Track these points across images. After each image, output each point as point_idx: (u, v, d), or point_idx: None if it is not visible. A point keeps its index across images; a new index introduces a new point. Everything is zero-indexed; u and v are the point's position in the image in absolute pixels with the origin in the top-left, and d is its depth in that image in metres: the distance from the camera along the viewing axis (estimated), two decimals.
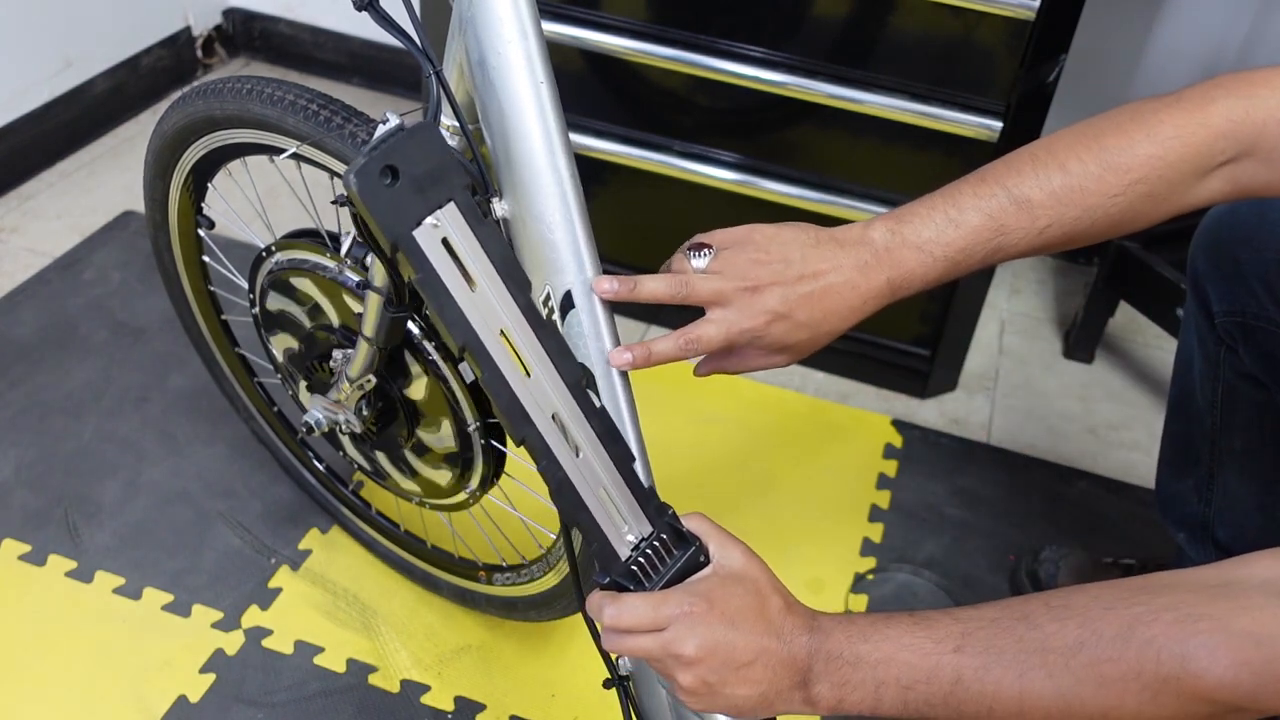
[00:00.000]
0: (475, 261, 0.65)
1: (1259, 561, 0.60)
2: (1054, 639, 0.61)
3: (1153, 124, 0.73)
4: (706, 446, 1.53)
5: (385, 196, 0.61)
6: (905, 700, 0.64)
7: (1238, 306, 0.99)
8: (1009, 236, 0.74)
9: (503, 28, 0.73)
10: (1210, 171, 0.73)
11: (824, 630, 0.67)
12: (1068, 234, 0.75)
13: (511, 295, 0.66)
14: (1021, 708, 0.61)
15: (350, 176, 0.60)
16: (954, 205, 0.75)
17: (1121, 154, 0.73)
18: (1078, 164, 0.73)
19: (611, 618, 0.68)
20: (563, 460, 0.69)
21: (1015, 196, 0.74)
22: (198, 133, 1.03)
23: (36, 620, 1.23)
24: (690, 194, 1.56)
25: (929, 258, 0.75)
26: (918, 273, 0.75)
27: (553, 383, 0.68)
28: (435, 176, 0.63)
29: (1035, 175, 0.74)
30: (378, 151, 0.60)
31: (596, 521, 0.70)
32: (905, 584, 1.36)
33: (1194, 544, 1.14)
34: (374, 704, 1.18)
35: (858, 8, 1.41)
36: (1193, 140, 0.72)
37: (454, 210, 0.64)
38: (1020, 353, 1.78)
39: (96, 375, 1.54)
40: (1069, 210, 0.74)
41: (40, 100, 1.91)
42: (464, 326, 0.64)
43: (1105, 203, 0.73)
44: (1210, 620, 0.57)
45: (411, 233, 0.62)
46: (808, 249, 0.75)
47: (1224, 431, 1.07)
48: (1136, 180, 0.73)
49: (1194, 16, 1.72)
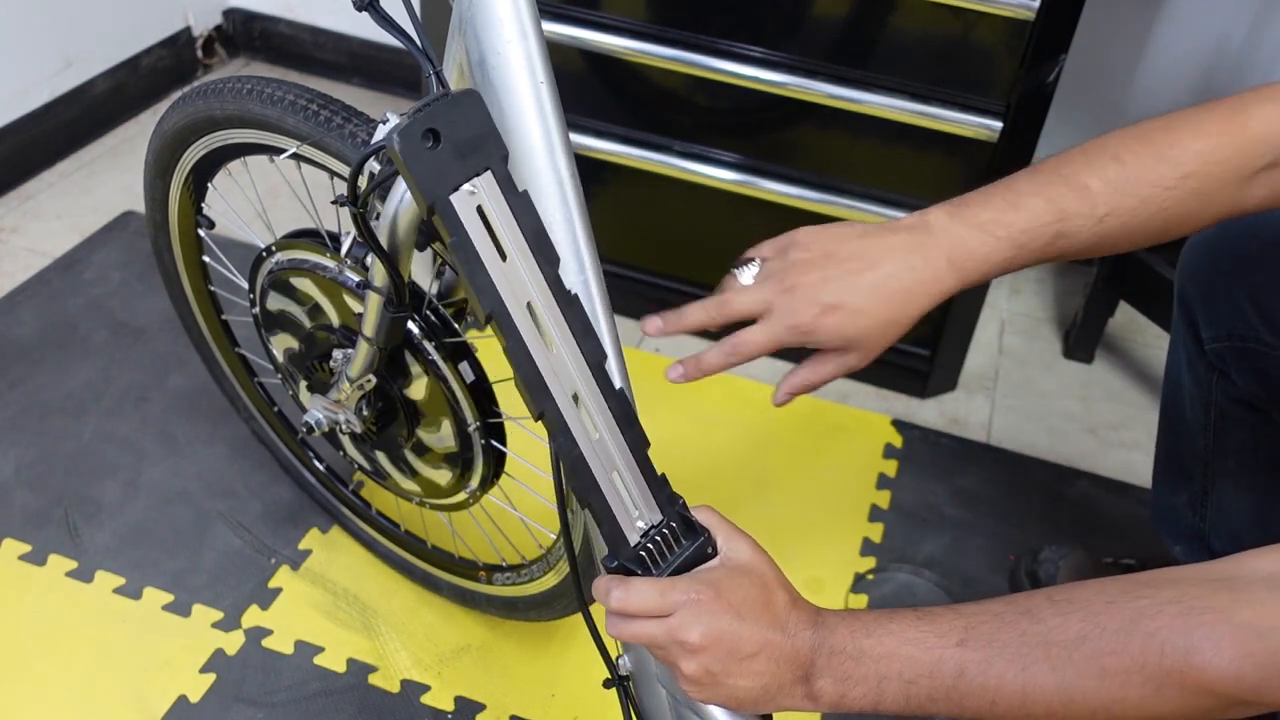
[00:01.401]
0: (507, 232, 0.65)
1: (1263, 556, 0.60)
2: (1057, 632, 0.61)
3: (1196, 124, 0.73)
4: (707, 446, 1.53)
5: (426, 158, 0.61)
6: (908, 695, 0.64)
7: (1226, 330, 0.99)
8: (1069, 223, 0.73)
9: (503, 28, 0.73)
10: (1254, 175, 0.73)
11: (828, 625, 0.67)
12: (1126, 226, 0.74)
13: (540, 269, 0.66)
14: (1024, 701, 0.61)
15: (394, 136, 0.60)
16: (1011, 190, 0.74)
17: (1172, 148, 0.73)
18: (1131, 155, 0.73)
19: (619, 600, 0.68)
20: (579, 439, 0.68)
21: (1073, 183, 0.73)
22: (198, 133, 1.03)
23: (36, 620, 1.23)
24: (690, 194, 1.56)
25: (990, 237, 0.74)
26: (980, 252, 0.74)
27: (575, 360, 0.68)
28: (475, 144, 0.63)
29: (1089, 166, 0.73)
30: (422, 114, 0.61)
31: (608, 503, 0.70)
32: (905, 584, 1.36)
33: (1190, 556, 1.14)
34: (374, 704, 1.18)
35: (858, 8, 1.41)
36: (1234, 142, 0.72)
37: (490, 179, 0.64)
38: (1020, 353, 1.78)
39: (96, 375, 1.54)
40: (1126, 199, 0.73)
41: (40, 100, 1.91)
42: (493, 294, 0.65)
43: (1160, 194, 0.73)
44: (1213, 613, 0.57)
45: (449, 197, 0.63)
46: (853, 240, 0.74)
47: (1217, 453, 1.07)
48: (1188, 174, 0.72)
49: (1194, 17, 1.72)
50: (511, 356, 0.66)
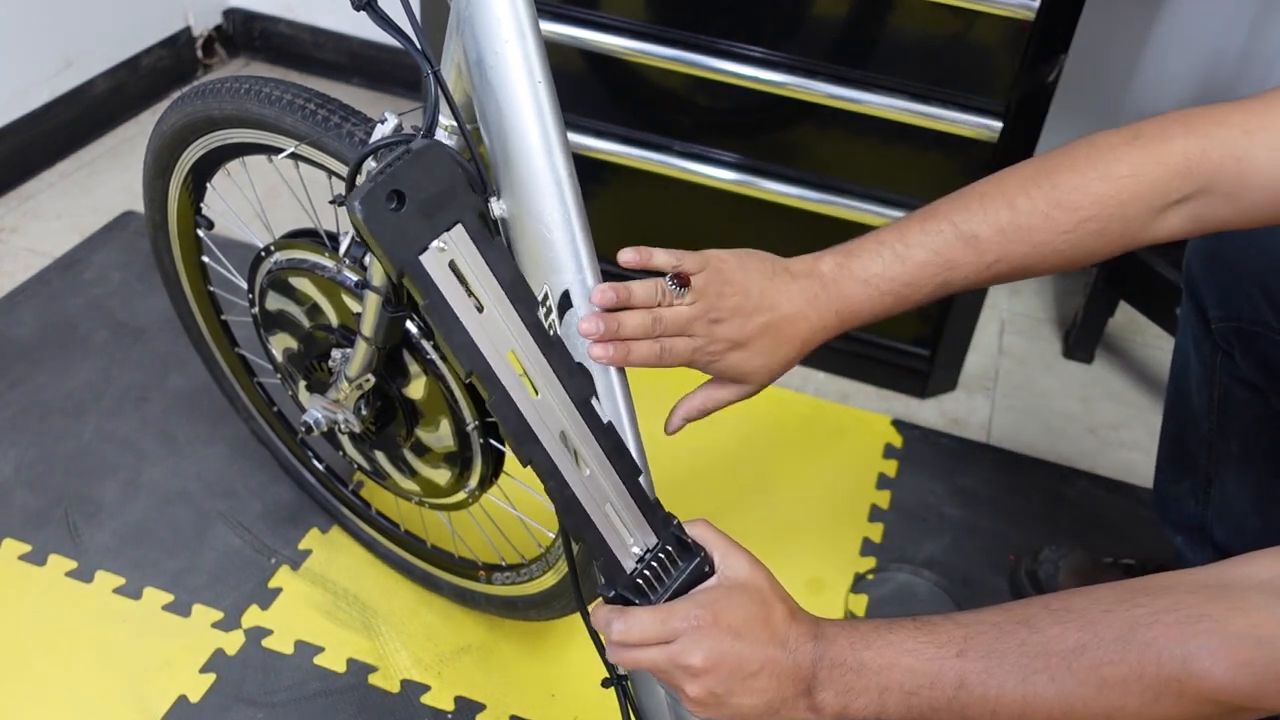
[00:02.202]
0: (483, 283, 0.65)
1: (1259, 561, 0.60)
2: (1056, 642, 0.61)
3: (1109, 161, 0.73)
4: (706, 447, 1.53)
5: (391, 222, 0.60)
6: (909, 705, 0.65)
7: (1234, 312, 0.99)
8: (956, 271, 0.76)
9: (500, 27, 0.73)
10: (1166, 209, 0.74)
11: (828, 638, 0.67)
12: (1015, 268, 0.77)
13: (519, 315, 0.66)
14: (1025, 711, 0.62)
15: (355, 204, 0.59)
16: (901, 241, 0.77)
17: (1073, 192, 0.74)
18: (1026, 201, 0.74)
19: (620, 634, 0.69)
20: (570, 479, 0.69)
21: (962, 233, 0.75)
22: (197, 132, 1.03)
23: (36, 620, 1.23)
24: (690, 194, 1.56)
25: (875, 291, 0.78)
26: (865, 306, 0.78)
27: (560, 401, 0.69)
28: (443, 199, 0.62)
29: (983, 211, 0.75)
30: (383, 177, 0.60)
31: (603, 537, 0.70)
32: (905, 584, 1.36)
33: (1191, 546, 1.14)
34: (374, 704, 1.18)
35: (858, 8, 1.41)
36: (1148, 178, 0.72)
37: (461, 232, 0.63)
38: (1020, 353, 1.78)
39: (96, 375, 1.54)
40: (1016, 246, 0.75)
41: (40, 100, 1.92)
42: (472, 352, 0.64)
43: (1054, 239, 0.75)
44: (1210, 621, 0.57)
45: (418, 258, 0.61)
46: (765, 280, 0.78)
47: (1221, 436, 1.07)
48: (1086, 218, 0.74)
49: (1194, 16, 1.72)
50: (496, 410, 0.66)
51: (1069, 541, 1.37)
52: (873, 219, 1.47)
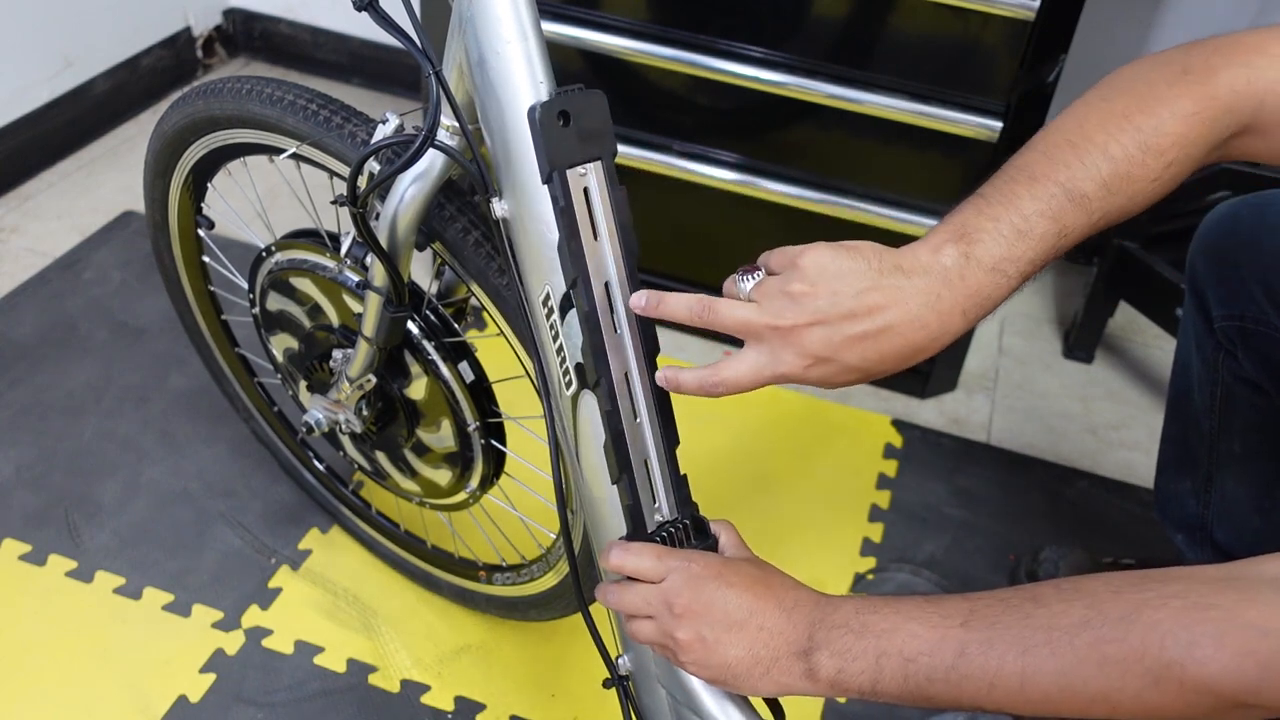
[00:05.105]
0: (603, 216, 0.73)
1: (1272, 561, 0.60)
2: (1060, 617, 0.61)
3: (1172, 99, 0.68)
4: (706, 446, 1.53)
5: (555, 131, 0.71)
6: (906, 675, 0.64)
7: (1237, 311, 0.99)
8: (1067, 239, 0.69)
9: (502, 27, 0.73)
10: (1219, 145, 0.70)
11: (833, 604, 0.68)
12: (1108, 223, 0.70)
13: (622, 257, 0.74)
14: (1023, 685, 0.61)
15: (536, 106, 0.70)
16: (1017, 212, 0.67)
17: (1155, 134, 0.68)
18: (1119, 148, 0.68)
19: (618, 559, 0.73)
20: (624, 416, 0.74)
21: (1071, 193, 0.67)
22: (198, 133, 1.03)
23: (36, 620, 1.23)
24: (690, 194, 1.56)
25: (1004, 278, 0.67)
26: (994, 297, 0.68)
27: (634, 345, 0.74)
28: (594, 135, 0.72)
29: (1083, 166, 0.68)
30: (560, 97, 0.71)
31: (636, 485, 0.75)
32: (905, 584, 1.36)
33: (1192, 546, 1.14)
34: (374, 704, 1.18)
35: (858, 8, 1.41)
36: (1208, 115, 0.68)
37: (600, 168, 0.73)
38: (1020, 353, 1.78)
39: (96, 375, 1.54)
40: (1116, 199, 0.68)
41: (40, 100, 1.91)
42: (581, 262, 0.72)
43: (1146, 187, 0.68)
44: (1219, 609, 0.57)
45: (565, 170, 0.71)
46: (864, 281, 0.65)
47: (1222, 435, 1.07)
48: (1170, 162, 0.68)
49: (1194, 17, 1.72)
50: (585, 322, 0.72)
51: (1069, 541, 1.37)
52: (873, 219, 1.48)
